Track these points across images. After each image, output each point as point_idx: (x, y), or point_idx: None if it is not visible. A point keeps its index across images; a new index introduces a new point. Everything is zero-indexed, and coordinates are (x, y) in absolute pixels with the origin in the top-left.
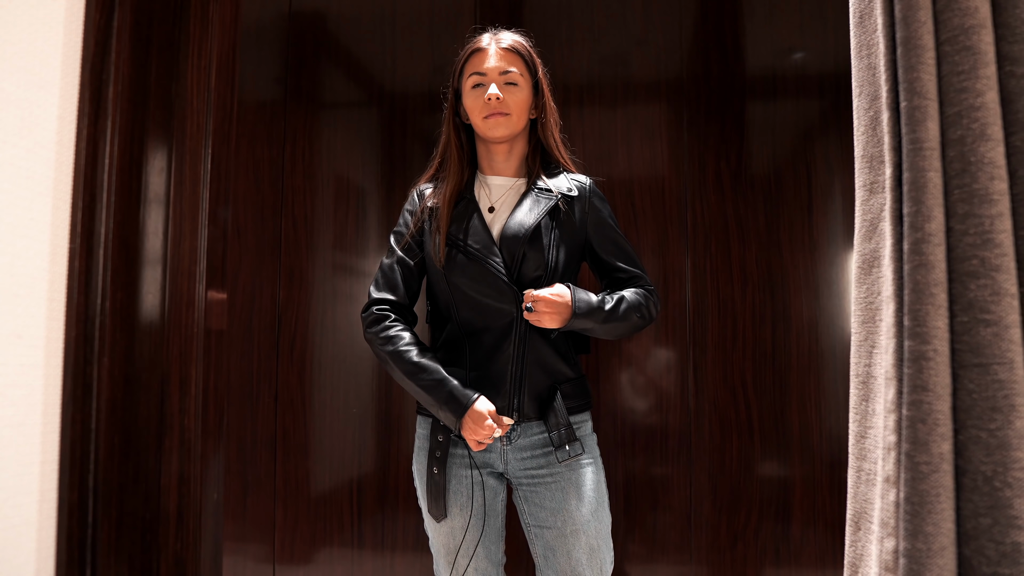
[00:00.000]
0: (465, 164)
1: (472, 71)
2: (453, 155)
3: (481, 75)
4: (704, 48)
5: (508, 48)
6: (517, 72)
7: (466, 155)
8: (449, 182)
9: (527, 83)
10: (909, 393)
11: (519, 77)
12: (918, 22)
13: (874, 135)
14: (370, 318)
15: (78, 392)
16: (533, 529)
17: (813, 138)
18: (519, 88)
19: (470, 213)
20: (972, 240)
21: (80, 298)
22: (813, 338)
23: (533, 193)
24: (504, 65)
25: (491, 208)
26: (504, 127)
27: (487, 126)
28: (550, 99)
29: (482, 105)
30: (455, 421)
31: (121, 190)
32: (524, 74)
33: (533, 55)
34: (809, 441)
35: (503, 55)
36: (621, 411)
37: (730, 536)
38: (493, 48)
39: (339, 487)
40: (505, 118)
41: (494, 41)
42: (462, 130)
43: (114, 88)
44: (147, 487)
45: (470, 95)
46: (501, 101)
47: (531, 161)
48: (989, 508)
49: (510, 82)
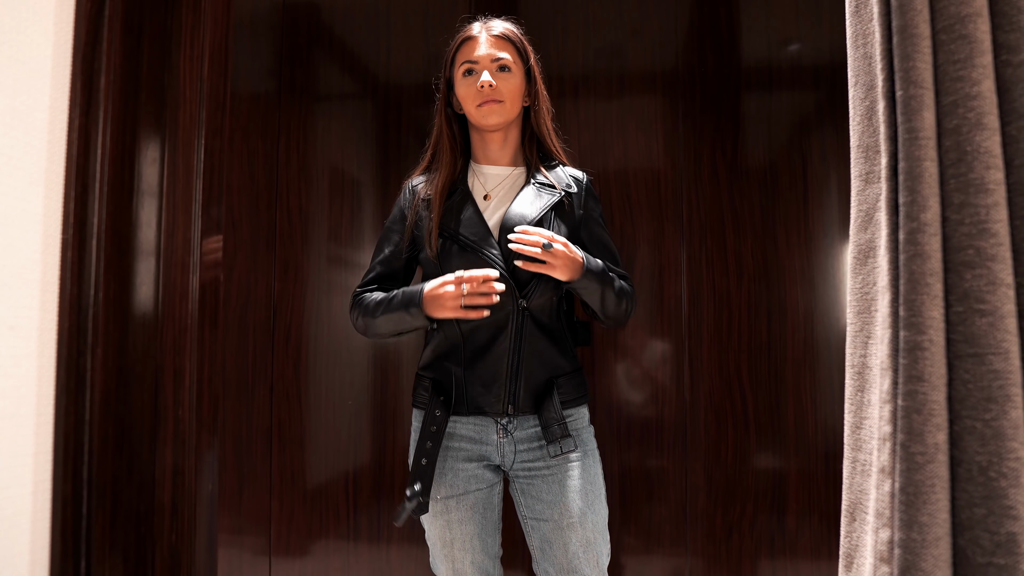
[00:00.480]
0: (458, 154)
1: (463, 60)
2: (445, 145)
3: (473, 63)
4: (699, 39)
5: (499, 35)
6: (509, 58)
7: (459, 145)
8: (442, 172)
9: (519, 70)
10: (904, 383)
11: (511, 63)
12: (914, 10)
13: (870, 125)
14: (350, 306)
15: (71, 383)
16: (530, 522)
17: (809, 129)
18: (512, 75)
19: (464, 203)
20: (968, 230)
21: (73, 289)
22: (809, 329)
23: (533, 185)
24: (495, 52)
25: (486, 196)
26: (498, 114)
27: (481, 114)
28: (543, 87)
29: (475, 93)
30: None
31: (114, 180)
32: (516, 61)
33: (524, 42)
34: (804, 432)
35: (494, 42)
36: (617, 403)
37: (725, 528)
38: (484, 36)
39: (335, 479)
40: (499, 105)
41: (484, 29)
42: (455, 120)
43: (106, 77)
44: (141, 479)
45: (462, 83)
46: (494, 88)
47: (527, 150)
48: (984, 498)
49: (503, 67)
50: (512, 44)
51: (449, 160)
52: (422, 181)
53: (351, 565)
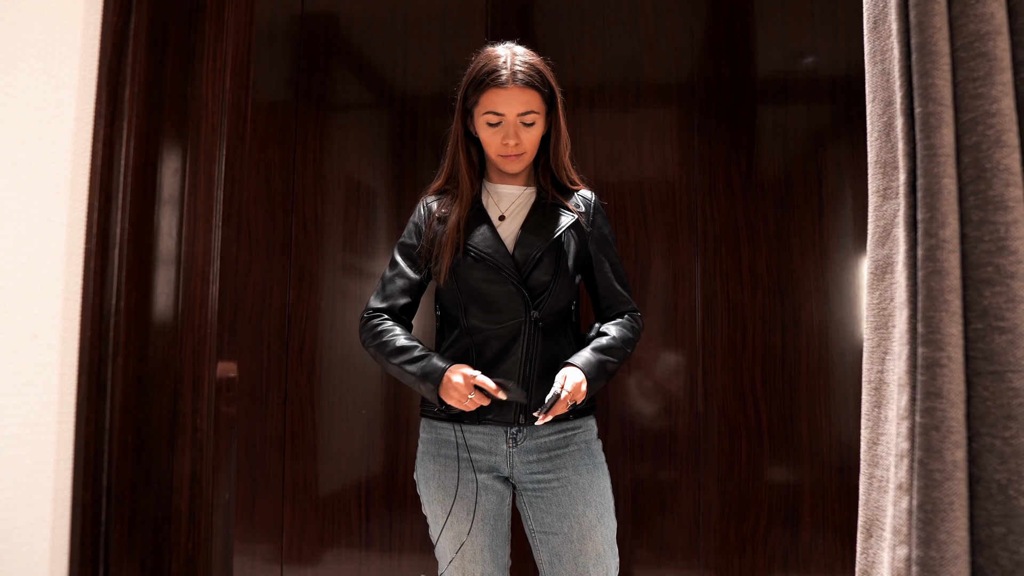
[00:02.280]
0: (475, 179)
1: (489, 108)
2: (463, 172)
3: (499, 115)
4: (715, 51)
5: (526, 84)
6: (535, 112)
7: (476, 170)
8: (461, 200)
9: (542, 118)
10: (922, 400)
11: (537, 116)
12: (933, 28)
13: (888, 141)
14: (361, 322)
15: (92, 391)
16: (538, 535)
17: (824, 142)
18: (535, 127)
19: (480, 222)
20: (987, 247)
21: (95, 298)
22: (823, 343)
23: (547, 205)
24: (523, 107)
25: (501, 217)
26: (518, 164)
27: (502, 162)
28: (563, 120)
29: (498, 144)
30: (433, 391)
31: (136, 191)
32: (540, 109)
33: (549, 77)
34: (818, 447)
35: (521, 95)
36: (629, 415)
37: (738, 541)
38: (511, 85)
39: (347, 488)
40: (520, 157)
41: (511, 75)
42: (471, 146)
43: (130, 89)
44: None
45: (486, 130)
46: (518, 144)
47: (541, 176)
48: (1003, 517)
49: (527, 123)
50: (538, 90)
51: (467, 186)
52: (436, 199)
53: (362, 574)
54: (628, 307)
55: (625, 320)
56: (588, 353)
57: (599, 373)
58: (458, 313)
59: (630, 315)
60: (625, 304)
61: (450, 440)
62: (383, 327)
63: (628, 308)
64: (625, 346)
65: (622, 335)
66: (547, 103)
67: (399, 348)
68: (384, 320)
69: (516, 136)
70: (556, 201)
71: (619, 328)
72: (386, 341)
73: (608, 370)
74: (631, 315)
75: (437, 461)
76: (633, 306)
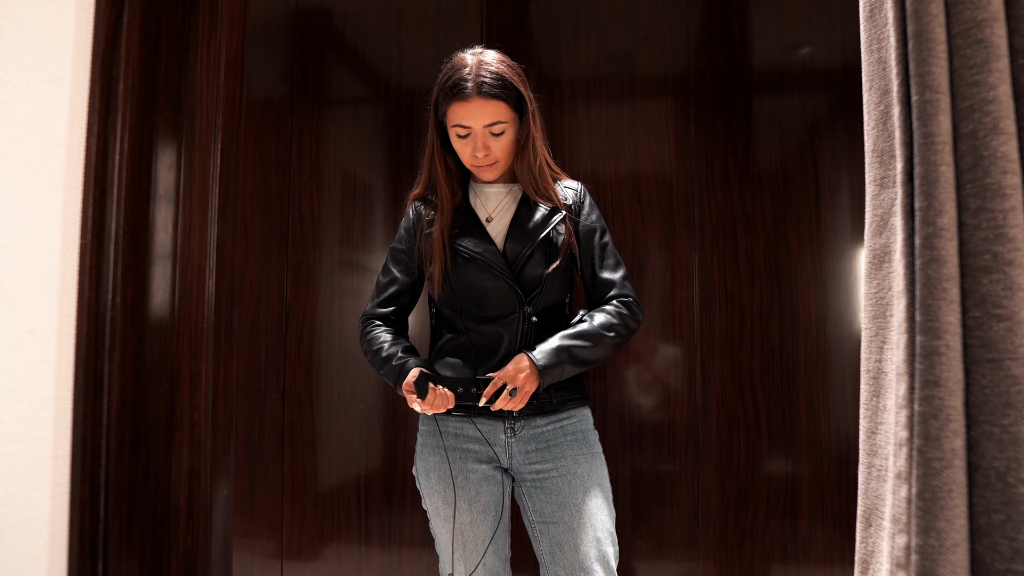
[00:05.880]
0: (456, 186)
1: (457, 122)
2: (442, 184)
3: (466, 127)
4: (711, 43)
5: (490, 95)
6: (502, 123)
7: (455, 177)
8: (442, 213)
9: (513, 123)
10: (921, 389)
11: (505, 126)
12: (930, 15)
13: (885, 130)
14: (359, 331)
15: (89, 387)
16: (538, 526)
17: (821, 133)
18: (505, 135)
19: (469, 222)
20: (984, 235)
21: (91, 294)
22: (821, 334)
23: (533, 201)
24: (488, 118)
25: (488, 219)
26: (492, 172)
27: (476, 172)
28: (535, 125)
29: (469, 155)
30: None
31: (131, 185)
32: (509, 117)
33: (517, 82)
34: (817, 437)
35: (486, 106)
36: (628, 408)
37: (737, 532)
38: (475, 97)
39: (346, 483)
40: (492, 166)
41: (476, 86)
42: (447, 155)
43: (124, 84)
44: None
45: (457, 141)
46: (487, 155)
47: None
48: (1002, 504)
49: (496, 133)
50: (504, 101)
51: (447, 195)
52: (423, 203)
53: (362, 569)
54: (615, 292)
55: (610, 306)
56: (553, 340)
57: (558, 359)
58: (452, 312)
59: (619, 300)
60: (610, 289)
61: (448, 432)
62: (372, 335)
63: (616, 294)
64: (603, 330)
65: (601, 320)
66: (516, 110)
67: (383, 359)
68: (375, 327)
69: (485, 148)
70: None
71: (601, 314)
72: (375, 351)
73: (576, 355)
74: (620, 300)
75: (436, 453)
76: (624, 291)
